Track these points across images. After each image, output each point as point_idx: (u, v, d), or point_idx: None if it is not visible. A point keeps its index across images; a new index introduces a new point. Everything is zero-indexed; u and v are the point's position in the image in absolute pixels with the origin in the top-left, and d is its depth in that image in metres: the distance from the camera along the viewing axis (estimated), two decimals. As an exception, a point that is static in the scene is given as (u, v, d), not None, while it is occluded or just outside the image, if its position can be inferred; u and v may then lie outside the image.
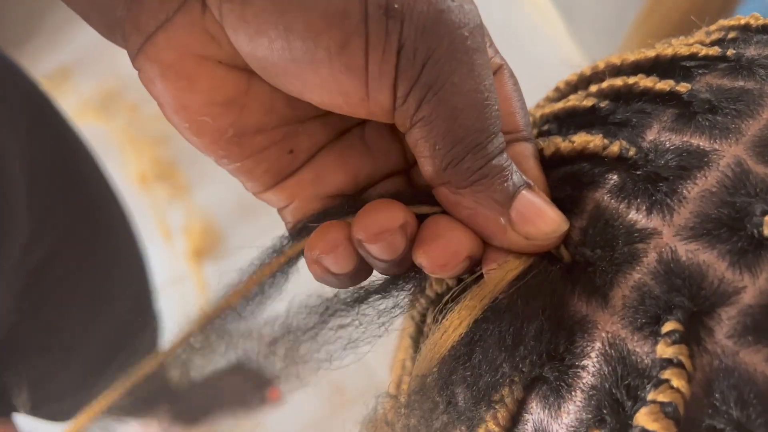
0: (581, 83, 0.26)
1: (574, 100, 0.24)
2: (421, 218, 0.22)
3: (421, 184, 0.24)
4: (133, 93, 1.26)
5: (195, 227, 1.16)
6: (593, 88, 0.25)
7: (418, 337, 0.27)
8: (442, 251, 0.21)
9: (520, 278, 0.21)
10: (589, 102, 0.24)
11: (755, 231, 0.18)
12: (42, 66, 1.29)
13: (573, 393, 0.19)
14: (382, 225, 0.20)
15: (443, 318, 0.21)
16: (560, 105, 0.25)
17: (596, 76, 0.26)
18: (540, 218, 0.21)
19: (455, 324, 0.21)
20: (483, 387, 0.21)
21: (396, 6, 0.19)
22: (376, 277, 0.24)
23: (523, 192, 0.21)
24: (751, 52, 0.23)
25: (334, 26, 0.18)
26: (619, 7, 1.14)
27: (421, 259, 0.21)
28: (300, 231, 0.24)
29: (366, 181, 0.24)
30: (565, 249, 0.21)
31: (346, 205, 0.23)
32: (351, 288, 0.24)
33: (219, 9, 0.19)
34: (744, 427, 0.16)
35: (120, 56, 0.22)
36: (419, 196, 0.23)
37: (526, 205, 0.21)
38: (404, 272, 0.23)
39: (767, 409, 0.16)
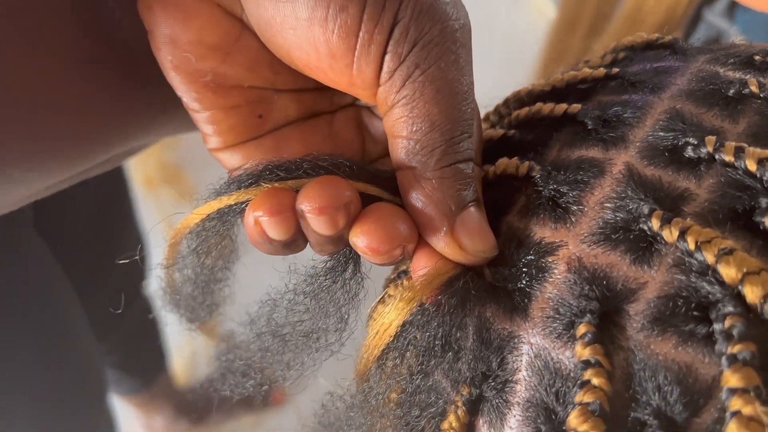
0: (496, 119, 0.28)
1: (488, 134, 0.26)
2: (365, 202, 0.22)
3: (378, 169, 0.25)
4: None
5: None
6: (505, 120, 0.27)
7: None
8: (379, 235, 0.21)
9: (447, 285, 0.21)
10: (498, 133, 0.26)
11: (647, 228, 0.19)
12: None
13: (511, 408, 0.20)
14: (328, 200, 0.21)
15: (375, 320, 0.22)
16: None
17: (507, 111, 0.28)
18: (479, 236, 0.21)
19: (385, 325, 0.22)
20: (414, 391, 0.22)
21: None
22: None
23: (473, 207, 0.22)
24: (635, 68, 0.25)
25: None
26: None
27: (357, 238, 0.21)
28: (247, 179, 0.23)
29: None
30: (487, 269, 0.22)
31: (302, 165, 0.23)
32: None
33: None
34: (664, 414, 0.17)
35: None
36: (373, 176, 0.23)
37: (472, 218, 0.22)
38: (336, 251, 0.23)
39: (683, 393, 0.17)
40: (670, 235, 0.19)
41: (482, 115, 0.28)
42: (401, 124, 0.21)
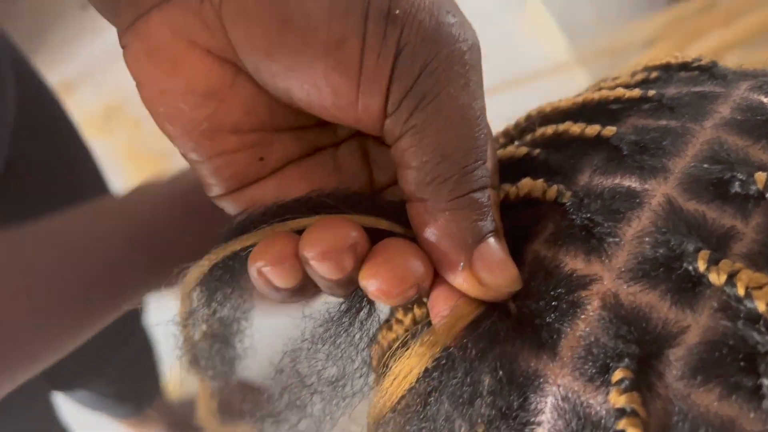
0: (516, 133, 0.27)
1: (509, 150, 0.25)
2: (376, 238, 0.21)
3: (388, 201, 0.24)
4: (136, 108, 1.27)
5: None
6: (528, 137, 0.25)
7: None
8: (390, 276, 0.19)
9: (472, 328, 0.20)
10: (522, 151, 0.24)
11: (691, 268, 0.18)
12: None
13: None
14: (331, 243, 0.19)
15: (393, 364, 0.21)
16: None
17: (529, 126, 0.26)
18: (500, 269, 0.20)
19: (405, 371, 0.20)
20: None
21: (397, 12, 0.19)
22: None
23: (492, 238, 0.20)
24: (671, 91, 0.24)
25: (333, 22, 0.18)
26: (614, 15, 1.15)
27: (366, 282, 0.20)
28: (250, 223, 0.22)
29: None
30: (512, 302, 0.21)
31: (305, 203, 0.22)
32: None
33: None
34: None
35: (123, 71, 0.21)
36: (382, 209, 0.22)
37: (491, 252, 0.20)
38: (349, 293, 0.22)
39: None
40: (717, 278, 0.17)
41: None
42: (410, 155, 0.20)
